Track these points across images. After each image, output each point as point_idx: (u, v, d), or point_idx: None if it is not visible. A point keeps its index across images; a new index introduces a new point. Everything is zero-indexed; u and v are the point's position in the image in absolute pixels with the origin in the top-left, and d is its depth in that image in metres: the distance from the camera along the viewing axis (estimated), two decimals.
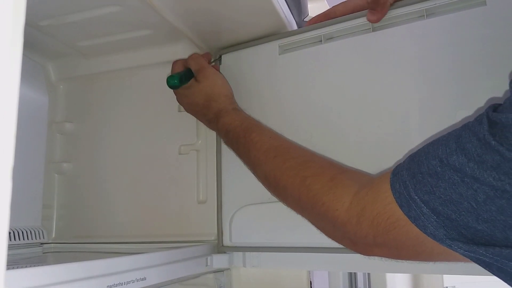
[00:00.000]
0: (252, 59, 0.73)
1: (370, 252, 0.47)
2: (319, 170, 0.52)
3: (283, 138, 0.61)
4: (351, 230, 0.45)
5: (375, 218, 0.43)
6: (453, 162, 0.37)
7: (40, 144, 0.80)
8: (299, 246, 0.64)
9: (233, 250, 0.70)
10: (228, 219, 0.71)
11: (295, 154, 0.56)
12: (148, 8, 0.63)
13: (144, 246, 0.77)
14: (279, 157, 0.56)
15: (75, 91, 0.88)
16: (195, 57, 0.70)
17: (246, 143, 0.60)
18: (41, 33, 0.73)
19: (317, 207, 0.49)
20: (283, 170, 0.54)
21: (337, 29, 0.65)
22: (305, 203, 0.51)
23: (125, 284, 0.48)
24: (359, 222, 0.44)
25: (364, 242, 0.46)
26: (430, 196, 0.39)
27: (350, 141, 0.62)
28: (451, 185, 0.37)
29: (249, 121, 0.64)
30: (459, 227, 0.37)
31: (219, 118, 0.65)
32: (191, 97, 0.69)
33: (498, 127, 0.35)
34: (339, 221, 0.46)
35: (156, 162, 0.80)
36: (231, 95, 0.69)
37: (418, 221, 0.40)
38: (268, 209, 0.67)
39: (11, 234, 0.71)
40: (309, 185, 0.50)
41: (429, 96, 0.57)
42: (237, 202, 0.71)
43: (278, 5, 0.65)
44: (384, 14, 0.60)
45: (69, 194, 0.85)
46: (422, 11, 0.59)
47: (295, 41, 0.69)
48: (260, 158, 0.57)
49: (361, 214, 0.44)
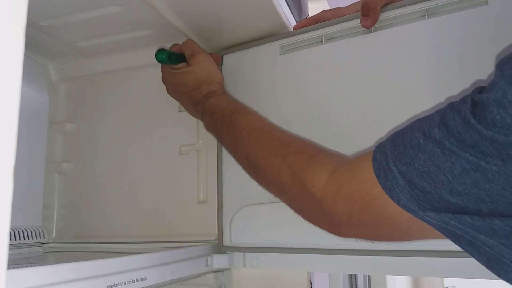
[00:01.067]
0: (253, 59, 0.73)
1: (345, 233, 0.48)
2: (300, 148, 0.53)
3: (268, 121, 0.62)
4: (326, 208, 0.46)
5: (351, 196, 0.43)
6: (434, 135, 0.38)
7: (40, 144, 0.80)
8: (300, 247, 0.64)
9: (233, 250, 0.70)
10: (229, 219, 0.71)
11: (278, 135, 0.57)
12: (148, 8, 0.63)
13: (144, 246, 0.77)
14: (262, 137, 0.56)
15: (75, 91, 0.88)
16: (188, 42, 0.70)
17: (231, 123, 0.60)
18: (42, 33, 0.73)
19: (295, 184, 0.49)
20: (265, 150, 0.55)
21: (338, 29, 0.65)
22: (284, 181, 0.51)
23: (125, 284, 0.48)
24: (334, 200, 0.45)
25: (339, 222, 0.46)
26: (408, 168, 0.39)
27: (351, 142, 0.62)
28: (430, 157, 0.38)
29: (236, 103, 0.65)
30: (433, 200, 0.38)
31: (207, 98, 0.65)
32: (180, 77, 0.69)
33: (479, 107, 0.36)
34: (316, 198, 0.47)
35: (156, 162, 0.80)
36: (223, 82, 0.70)
37: (392, 192, 0.40)
38: (268, 210, 0.67)
39: (12, 234, 0.71)
40: (289, 162, 0.51)
41: (429, 96, 0.57)
42: (237, 202, 0.70)
43: (278, 5, 0.65)
44: (376, 18, 0.61)
45: (69, 194, 0.85)
46: (423, 11, 0.59)
47: (296, 41, 0.69)
48: (243, 138, 0.58)
49: (337, 191, 0.45)
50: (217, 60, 0.73)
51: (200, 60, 0.68)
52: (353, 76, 0.64)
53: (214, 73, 0.69)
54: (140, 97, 0.83)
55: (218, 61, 0.74)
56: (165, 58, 0.66)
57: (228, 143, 0.62)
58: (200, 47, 0.70)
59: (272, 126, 0.61)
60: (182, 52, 0.70)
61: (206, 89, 0.67)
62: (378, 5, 0.60)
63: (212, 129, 0.65)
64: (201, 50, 0.69)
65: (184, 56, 0.69)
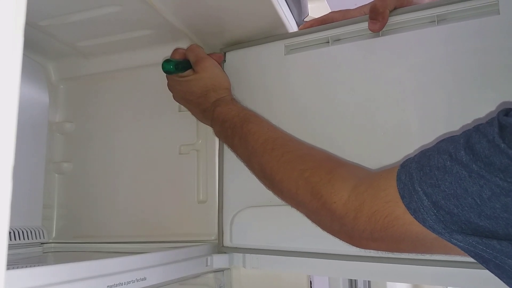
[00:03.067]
0: (257, 58, 0.72)
1: (366, 246, 0.48)
2: (318, 163, 0.52)
3: (281, 131, 0.61)
4: (348, 224, 0.46)
5: (373, 215, 0.43)
6: (461, 158, 0.38)
7: (40, 144, 0.80)
8: (300, 251, 0.64)
9: (233, 251, 0.70)
10: (229, 220, 0.70)
11: (293, 147, 0.56)
12: (148, 8, 0.63)
13: (144, 246, 0.77)
14: (277, 149, 0.55)
15: (75, 91, 0.88)
16: (193, 48, 0.69)
17: (243, 133, 0.59)
18: (42, 33, 0.73)
19: (315, 200, 0.49)
20: (281, 163, 0.54)
21: (345, 31, 0.64)
22: (302, 196, 0.51)
23: (125, 284, 0.48)
24: (356, 217, 0.44)
25: (360, 237, 0.46)
26: (434, 189, 0.39)
27: (355, 146, 0.61)
28: (457, 179, 0.37)
29: (246, 111, 0.63)
30: (460, 222, 0.38)
31: (216, 107, 0.64)
32: (186, 85, 0.67)
33: (507, 131, 0.35)
34: (337, 214, 0.46)
35: (156, 162, 0.80)
36: (230, 88, 0.69)
37: (417, 213, 0.40)
38: (269, 212, 0.66)
39: (11, 234, 0.71)
40: (307, 178, 0.50)
41: (435, 104, 0.57)
42: (238, 203, 0.70)
43: (278, 5, 0.65)
44: (385, 23, 0.60)
45: (69, 194, 0.85)
46: (433, 17, 0.58)
47: (302, 42, 0.68)
48: (257, 149, 0.57)
49: (359, 209, 0.44)
50: (219, 59, 0.72)
51: (206, 66, 0.66)
52: (358, 79, 0.63)
53: (221, 79, 0.68)
54: (140, 97, 0.82)
55: (221, 60, 0.73)
56: (172, 68, 0.65)
57: (241, 153, 0.61)
58: (205, 53, 0.69)
59: (285, 136, 0.60)
60: (187, 58, 0.69)
61: (213, 96, 0.66)
62: (387, 9, 0.60)
63: (223, 137, 0.64)
64: (206, 56, 0.68)
65: (189, 62, 0.68)
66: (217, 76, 0.67)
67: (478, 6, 0.55)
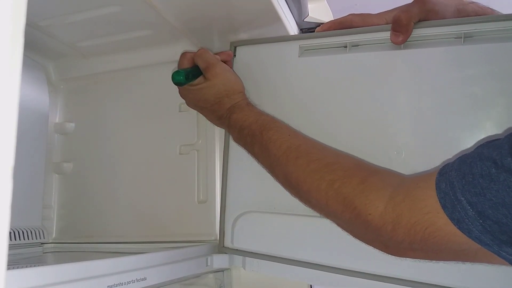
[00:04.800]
0: (269, 56, 0.69)
1: (404, 255, 0.46)
2: (348, 172, 0.49)
3: (303, 136, 0.58)
4: (385, 235, 0.44)
5: (413, 226, 0.41)
6: (508, 165, 0.36)
7: (40, 144, 0.80)
8: (302, 261, 0.63)
9: (234, 253, 0.69)
10: (231, 221, 0.69)
11: (319, 155, 0.54)
12: (148, 8, 0.63)
13: (144, 246, 0.77)
14: (302, 158, 0.53)
15: (75, 91, 0.88)
16: (202, 53, 0.65)
17: (263, 141, 0.57)
18: (42, 33, 0.73)
19: (347, 212, 0.47)
20: (307, 173, 0.52)
21: (364, 38, 0.61)
22: (333, 207, 0.49)
23: (125, 284, 0.48)
24: (394, 228, 0.43)
25: (399, 247, 0.44)
26: (479, 198, 0.37)
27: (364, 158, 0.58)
28: (505, 187, 0.36)
29: (264, 117, 0.60)
30: (510, 231, 0.36)
31: (231, 113, 0.62)
32: (199, 94, 0.65)
33: None
34: (373, 225, 0.45)
35: (156, 162, 0.80)
36: (244, 91, 0.66)
37: (461, 224, 0.38)
38: (273, 220, 0.65)
39: (11, 234, 0.71)
40: (337, 188, 0.48)
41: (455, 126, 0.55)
42: (242, 205, 0.68)
43: (278, 5, 0.65)
44: (408, 35, 0.57)
45: (69, 194, 0.85)
46: (460, 33, 0.55)
47: (318, 44, 0.65)
48: (280, 158, 0.55)
49: (397, 221, 0.43)
50: (229, 57, 0.69)
51: (217, 72, 0.63)
52: (375, 92, 0.60)
53: (234, 83, 0.64)
54: (140, 97, 0.82)
55: (230, 58, 0.70)
56: (182, 79, 0.62)
57: (262, 161, 0.59)
58: (214, 57, 0.65)
59: (308, 142, 0.57)
60: (196, 63, 0.65)
61: (228, 102, 0.63)
62: (411, 22, 0.57)
63: (242, 144, 0.62)
64: (216, 61, 0.65)
65: (199, 69, 0.65)
66: (229, 81, 0.64)
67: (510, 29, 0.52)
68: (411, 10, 0.57)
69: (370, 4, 1.12)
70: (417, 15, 0.57)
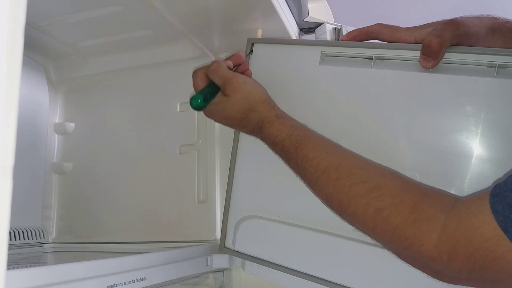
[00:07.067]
0: (287, 58, 0.66)
1: (458, 283, 0.44)
2: (396, 199, 0.46)
3: (341, 151, 0.54)
4: (440, 265, 0.42)
5: (471, 255, 0.39)
6: None
7: (40, 144, 0.80)
8: (303, 272, 0.62)
9: (234, 254, 0.68)
10: (234, 223, 0.68)
11: (362, 176, 0.50)
12: (148, 8, 0.63)
13: (145, 246, 0.77)
14: (343, 179, 0.50)
15: (75, 91, 0.88)
16: (215, 68, 0.60)
17: (299, 159, 0.54)
18: (42, 33, 0.73)
19: (398, 241, 0.45)
20: (351, 197, 0.49)
21: (391, 54, 0.58)
22: (381, 235, 0.47)
23: (125, 284, 0.48)
24: (451, 258, 0.41)
25: (454, 276, 0.43)
26: None
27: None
28: None
29: (298, 131, 0.56)
30: None
31: (261, 128, 0.59)
32: (223, 112, 0.61)
33: None
34: (426, 255, 0.43)
35: (156, 162, 0.80)
36: (269, 98, 0.61)
37: None
38: (277, 228, 0.64)
39: (11, 234, 0.71)
40: (386, 217, 0.46)
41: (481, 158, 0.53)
42: (246, 209, 0.67)
43: (278, 5, 0.65)
44: (438, 61, 0.55)
45: (69, 194, 0.85)
46: (493, 64, 0.52)
47: (342, 53, 0.62)
48: (318, 178, 0.52)
49: (454, 250, 0.40)
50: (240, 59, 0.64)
51: (236, 87, 0.59)
52: (398, 114, 0.57)
53: (256, 94, 0.60)
54: (140, 97, 0.83)
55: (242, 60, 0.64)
56: (200, 103, 0.58)
57: (300, 176, 0.56)
58: (228, 70, 0.60)
59: (348, 159, 0.53)
60: (211, 79, 0.60)
61: (255, 117, 0.59)
62: (443, 48, 0.54)
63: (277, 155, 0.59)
64: (232, 74, 0.60)
65: (215, 85, 0.60)
66: (250, 94, 0.60)
67: None
68: (444, 35, 0.54)
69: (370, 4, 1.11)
70: (449, 40, 0.54)
